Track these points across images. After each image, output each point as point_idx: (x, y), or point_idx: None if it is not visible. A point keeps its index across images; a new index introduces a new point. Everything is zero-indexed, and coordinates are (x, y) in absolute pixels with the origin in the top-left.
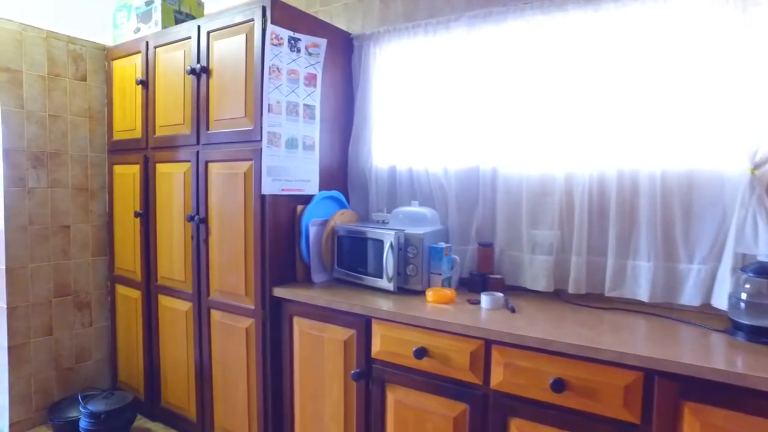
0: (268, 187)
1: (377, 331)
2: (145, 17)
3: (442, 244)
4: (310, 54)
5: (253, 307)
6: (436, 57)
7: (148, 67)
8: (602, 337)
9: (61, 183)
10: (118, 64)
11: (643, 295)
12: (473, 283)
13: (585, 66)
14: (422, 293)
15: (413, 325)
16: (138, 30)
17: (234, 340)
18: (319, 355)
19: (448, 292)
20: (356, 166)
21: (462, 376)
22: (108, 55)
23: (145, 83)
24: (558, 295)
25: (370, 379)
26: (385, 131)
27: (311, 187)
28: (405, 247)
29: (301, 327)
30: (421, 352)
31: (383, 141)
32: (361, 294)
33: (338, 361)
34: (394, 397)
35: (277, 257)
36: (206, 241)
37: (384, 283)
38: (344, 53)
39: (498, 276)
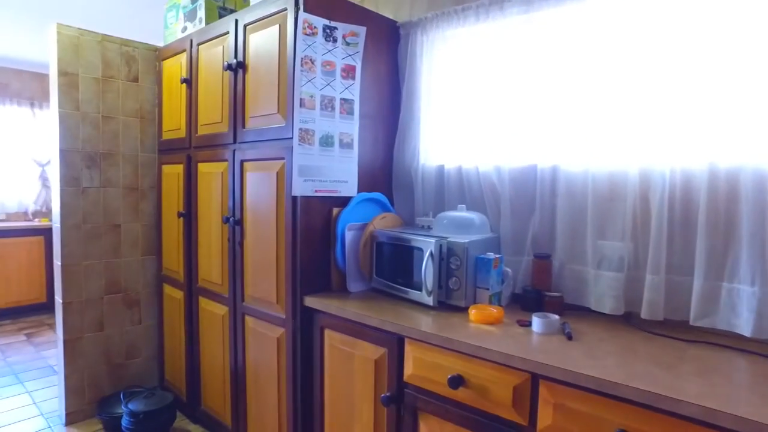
0: (300, 188)
1: (410, 352)
2: (190, 15)
3: (491, 255)
4: (347, 44)
5: (284, 316)
6: (489, 43)
7: (192, 65)
8: (685, 382)
9: (112, 183)
10: (167, 64)
11: (745, 327)
12: (526, 301)
13: (670, 37)
14: (465, 310)
15: (448, 349)
16: (185, 29)
17: (266, 350)
18: (349, 373)
19: (494, 311)
20: (401, 166)
21: (503, 413)
22: (158, 56)
23: (189, 81)
24: (628, 320)
25: (401, 405)
26: (433, 127)
27: (348, 188)
28: (447, 257)
29: (331, 341)
30: (456, 381)
31: (431, 138)
32: (397, 308)
33: (368, 382)
34: (428, 428)
35: (309, 264)
36: (241, 244)
37: (423, 296)
38: (389, 43)
39: (556, 294)
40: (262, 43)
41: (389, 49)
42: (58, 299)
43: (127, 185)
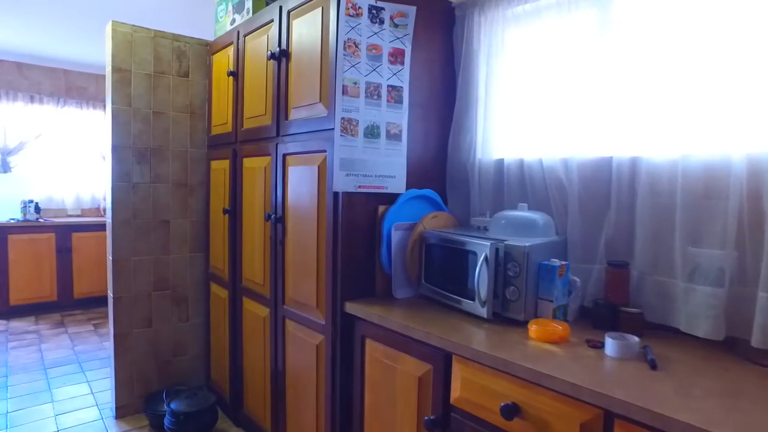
0: (341, 183)
1: (458, 372)
2: (239, 7)
3: (556, 261)
4: (396, 25)
5: (323, 322)
6: (556, 20)
7: (238, 57)
8: None
9: (162, 178)
10: (216, 58)
11: None
12: (598, 317)
13: None
14: (524, 325)
15: (502, 371)
16: (233, 21)
17: (305, 357)
18: (390, 388)
19: (559, 328)
20: (456, 160)
21: None
22: (209, 50)
23: (236, 74)
24: (731, 348)
25: (447, 431)
26: (492, 117)
27: (396, 184)
28: (504, 263)
29: (373, 352)
30: (511, 411)
31: (490, 129)
32: (446, 319)
33: (411, 401)
34: None
35: (351, 266)
36: (282, 243)
37: (476, 307)
38: (443, 25)
39: (634, 310)
40: (306, 28)
41: (443, 32)
42: (110, 294)
43: (176, 181)
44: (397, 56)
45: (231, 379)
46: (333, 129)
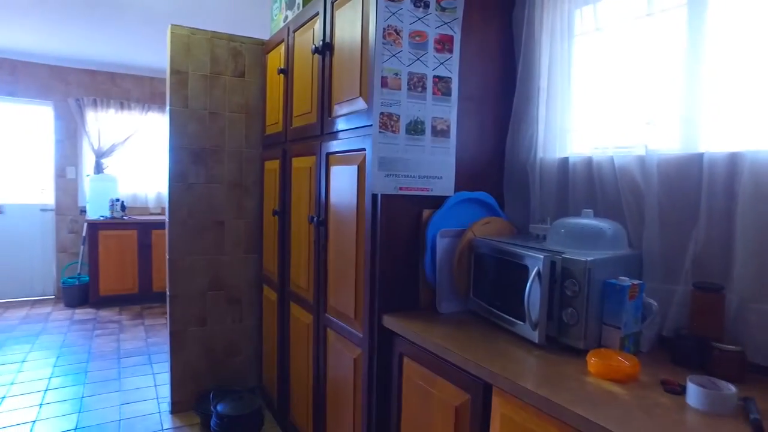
0: (380, 185)
1: (498, 406)
2: (290, 3)
3: (626, 280)
4: (442, 9)
5: (361, 334)
6: None
7: (288, 54)
8: None
9: (217, 179)
10: (270, 57)
11: None
12: (680, 351)
13: None
14: (583, 355)
15: (550, 415)
16: (286, 18)
17: (344, 370)
18: (427, 416)
19: (625, 363)
20: (515, 159)
21: None
22: (264, 49)
23: (286, 72)
24: None
25: None
26: (556, 109)
27: (443, 186)
28: (562, 279)
29: (410, 373)
30: None
31: (554, 123)
32: (493, 341)
33: None
34: None
35: (391, 276)
36: (325, 247)
37: (526, 329)
38: (501, 7)
39: (732, 347)
40: (347, 18)
41: (501, 14)
42: (168, 292)
43: (231, 182)
44: (444, 43)
45: (278, 385)
46: (372, 125)
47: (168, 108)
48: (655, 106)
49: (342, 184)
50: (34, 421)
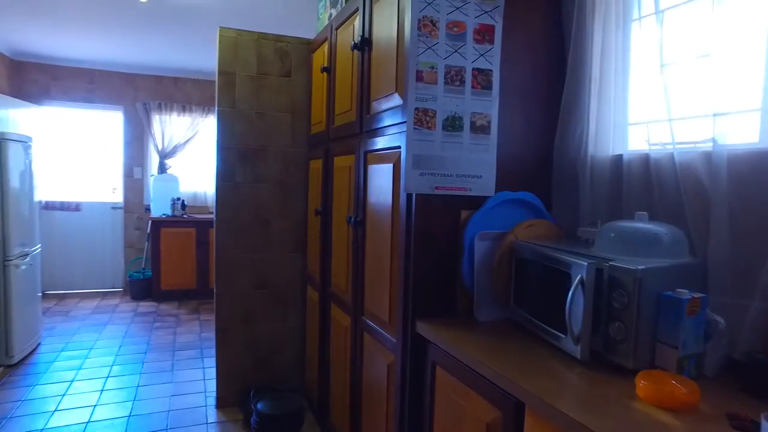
0: (414, 184)
1: (531, 428)
2: (334, 1)
3: (685, 293)
4: None
5: (395, 340)
6: None
7: (331, 52)
8: None
9: (263, 178)
10: (315, 56)
11: None
12: (754, 379)
13: None
14: (632, 375)
15: None
16: (331, 16)
17: (378, 376)
18: (458, 431)
19: (682, 389)
20: (564, 157)
21: None
22: (310, 48)
23: (329, 70)
24: None
25: None
26: (609, 101)
27: (483, 185)
28: (608, 290)
29: (443, 384)
30: None
31: (606, 116)
32: (531, 354)
33: None
34: None
35: (426, 280)
36: (362, 249)
37: (568, 343)
38: None
39: None
40: (384, 11)
41: (548, 1)
42: (215, 289)
43: (276, 181)
44: (484, 34)
45: (319, 386)
46: (406, 122)
47: (216, 108)
48: (726, 95)
49: (379, 183)
50: (95, 405)
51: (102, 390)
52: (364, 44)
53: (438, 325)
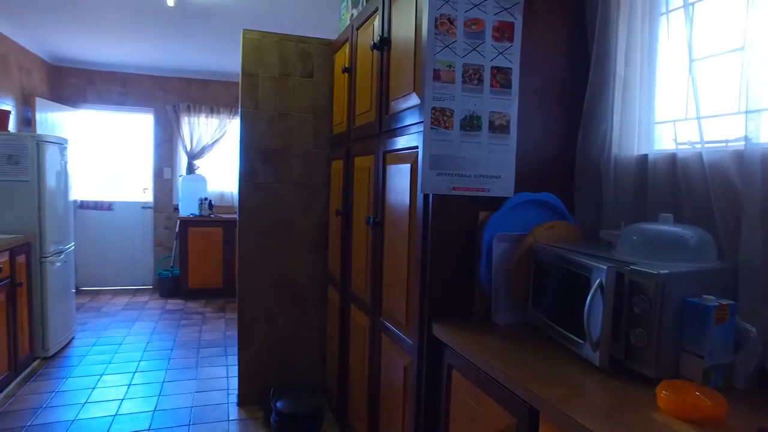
0: (431, 184)
1: None
2: (356, 1)
3: (711, 300)
4: None
5: (411, 342)
6: None
7: (352, 52)
8: None
9: (284, 179)
10: (337, 57)
11: None
12: None
13: None
14: (653, 385)
15: None
16: (352, 16)
17: (394, 377)
18: None
19: (707, 402)
20: (586, 157)
21: None
22: (332, 49)
23: (350, 70)
24: None
25: None
26: (634, 99)
27: (501, 186)
28: (630, 295)
29: (458, 387)
30: None
31: (631, 114)
32: (549, 360)
33: None
34: None
35: (443, 282)
36: (381, 249)
37: (586, 349)
38: None
39: None
40: (402, 11)
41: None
42: (237, 288)
43: (298, 182)
44: (503, 31)
45: (338, 386)
46: (423, 122)
47: (239, 109)
48: (760, 91)
49: (397, 184)
50: (122, 399)
51: (129, 384)
52: (383, 44)
53: (454, 328)
